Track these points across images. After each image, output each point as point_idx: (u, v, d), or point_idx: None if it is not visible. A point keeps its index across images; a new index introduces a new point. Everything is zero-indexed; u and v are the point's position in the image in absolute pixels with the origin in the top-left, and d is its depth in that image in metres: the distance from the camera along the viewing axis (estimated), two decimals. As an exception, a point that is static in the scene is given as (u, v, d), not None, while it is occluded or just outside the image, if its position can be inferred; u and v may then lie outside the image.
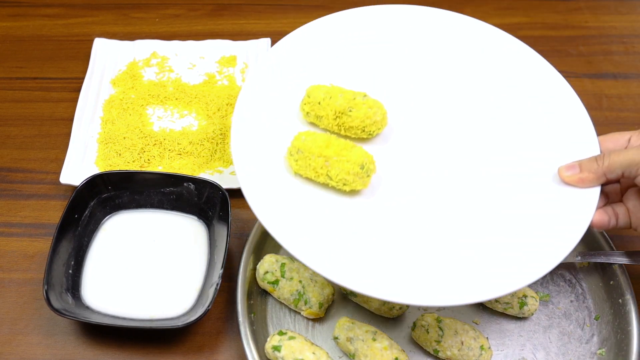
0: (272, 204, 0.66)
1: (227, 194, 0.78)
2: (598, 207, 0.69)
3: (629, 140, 0.70)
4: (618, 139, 0.71)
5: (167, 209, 0.83)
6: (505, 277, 0.64)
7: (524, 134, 0.74)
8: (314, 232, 0.65)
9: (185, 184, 0.80)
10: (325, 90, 0.71)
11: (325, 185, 0.69)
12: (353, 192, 0.69)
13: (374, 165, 0.68)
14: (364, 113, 0.69)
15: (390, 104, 0.74)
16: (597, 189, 0.69)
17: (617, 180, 0.70)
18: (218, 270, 0.74)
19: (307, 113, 0.71)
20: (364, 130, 0.71)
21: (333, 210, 0.68)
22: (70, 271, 0.76)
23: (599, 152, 0.71)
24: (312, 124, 0.73)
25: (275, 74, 0.74)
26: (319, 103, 0.70)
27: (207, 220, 0.81)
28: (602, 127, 0.90)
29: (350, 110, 0.70)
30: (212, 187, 0.79)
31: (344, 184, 0.67)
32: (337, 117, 0.70)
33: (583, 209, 0.68)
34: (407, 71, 0.78)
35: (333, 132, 0.72)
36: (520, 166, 0.72)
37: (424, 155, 0.73)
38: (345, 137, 0.72)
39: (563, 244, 0.66)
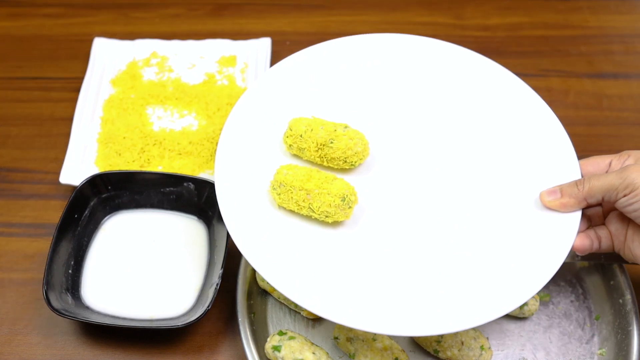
0: (256, 237, 0.67)
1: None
2: (580, 231, 0.69)
3: (610, 164, 0.70)
4: (599, 162, 0.71)
5: (167, 209, 0.83)
6: (485, 305, 0.63)
7: (506, 160, 0.74)
8: (295, 264, 0.66)
9: (185, 184, 0.80)
10: (306, 123, 0.72)
11: (308, 217, 0.70)
12: (336, 223, 0.70)
13: (356, 196, 0.69)
14: (345, 144, 0.70)
15: (372, 134, 0.75)
16: (579, 214, 0.69)
17: (599, 204, 0.70)
18: (218, 270, 0.74)
19: (290, 145, 0.72)
20: (345, 161, 0.71)
21: (316, 241, 0.69)
22: (70, 271, 0.76)
23: (580, 176, 0.71)
24: (295, 155, 0.74)
25: (258, 107, 0.75)
26: (301, 136, 0.71)
27: (207, 220, 0.81)
28: (602, 127, 0.90)
29: (331, 142, 0.70)
30: (212, 187, 0.79)
31: (327, 216, 0.68)
32: (319, 149, 0.71)
33: (564, 233, 0.68)
34: (389, 101, 0.79)
35: (316, 164, 0.73)
36: (502, 193, 0.72)
37: (406, 184, 0.73)
38: (328, 168, 0.73)
39: (544, 270, 0.65)
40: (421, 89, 0.80)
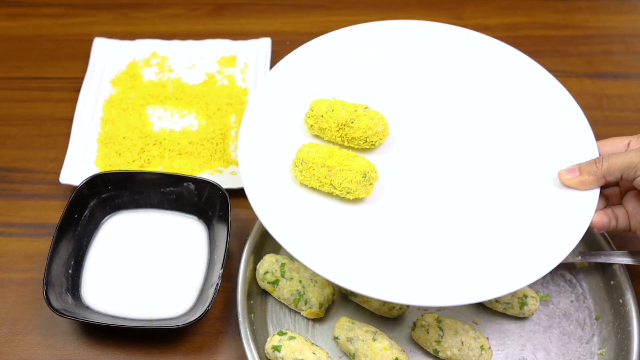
0: (279, 213, 0.68)
1: (227, 193, 0.78)
2: (598, 209, 0.70)
3: (628, 144, 0.71)
4: (617, 143, 0.72)
5: (167, 209, 0.83)
6: (506, 277, 0.65)
7: (525, 139, 0.76)
8: (318, 237, 0.68)
9: (185, 184, 0.80)
10: (327, 104, 0.73)
11: (329, 194, 0.71)
12: (357, 200, 0.71)
13: (376, 173, 0.70)
14: (365, 124, 0.72)
15: (391, 115, 0.77)
16: (597, 191, 0.70)
17: (617, 183, 0.71)
18: (218, 270, 0.74)
19: (311, 126, 0.74)
20: (366, 141, 0.73)
21: (337, 216, 0.70)
22: (70, 271, 0.76)
23: (597, 155, 0.72)
24: (316, 136, 0.75)
25: (280, 90, 0.77)
26: (322, 116, 0.73)
27: (207, 220, 0.81)
28: (603, 127, 0.90)
29: (352, 122, 0.72)
30: (212, 187, 0.79)
31: (348, 192, 0.69)
32: (339, 128, 0.73)
33: (583, 210, 0.69)
34: (408, 83, 0.81)
35: (336, 144, 0.74)
36: (521, 170, 0.74)
37: (425, 163, 0.75)
38: (349, 147, 0.74)
39: (564, 244, 0.67)
40: (439, 72, 0.82)
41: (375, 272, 0.65)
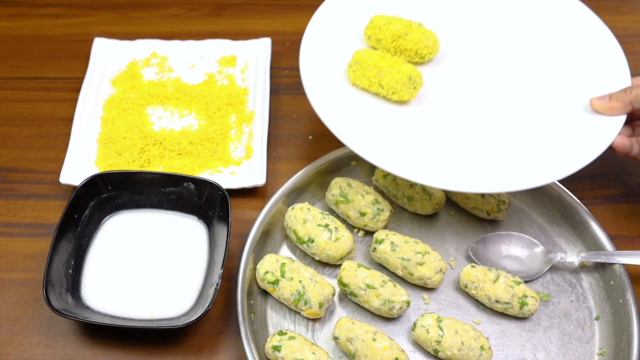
0: (332, 106, 0.78)
1: (227, 193, 0.78)
2: (622, 134, 0.77)
3: None
4: None
5: (167, 209, 0.83)
6: (537, 171, 0.74)
7: (564, 68, 0.85)
8: (366, 129, 0.77)
9: (185, 184, 0.80)
10: (386, 19, 0.84)
11: (377, 95, 0.81)
12: (401, 102, 0.81)
13: (421, 79, 0.79)
14: (417, 37, 0.83)
15: (443, 35, 0.87)
16: (623, 117, 0.78)
17: None
18: (218, 270, 0.74)
19: (369, 37, 0.85)
20: (416, 53, 0.83)
21: (383, 114, 0.80)
22: (70, 271, 0.76)
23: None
24: (373, 47, 0.86)
25: (344, 6, 0.88)
26: (380, 28, 0.83)
27: (207, 220, 0.81)
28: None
29: (406, 35, 0.83)
30: (212, 187, 0.79)
31: (393, 93, 0.79)
32: (394, 40, 0.83)
33: (608, 130, 0.78)
34: (461, 9, 0.91)
35: (391, 53, 0.84)
36: (557, 95, 0.82)
37: (468, 79, 0.84)
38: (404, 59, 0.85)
39: (586, 154, 0.75)
40: (489, 3, 0.92)
41: (415, 160, 0.75)
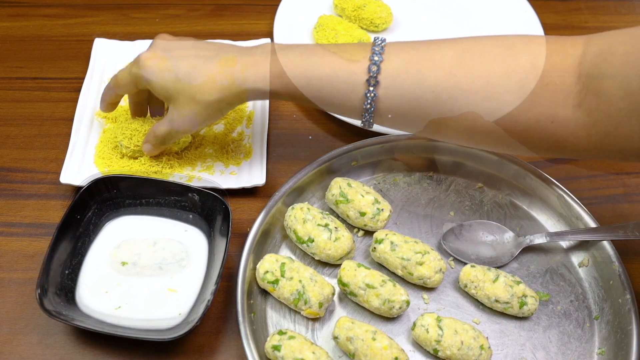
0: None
1: (229, 208, 0.77)
2: None
3: None
4: None
5: (168, 214, 0.82)
6: None
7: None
8: None
9: (190, 195, 0.80)
10: None
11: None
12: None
13: (370, 42, 0.85)
14: (373, 9, 1.05)
15: (398, 8, 1.09)
16: None
17: None
18: (217, 270, 0.73)
19: (336, 5, 1.08)
20: (371, 22, 1.05)
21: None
22: (67, 272, 0.76)
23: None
24: (339, 15, 1.08)
25: None
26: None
27: (207, 219, 0.81)
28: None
29: (364, 6, 1.05)
30: (216, 200, 0.79)
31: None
32: (355, 9, 1.06)
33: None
34: None
35: (351, 21, 1.06)
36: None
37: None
38: (360, 27, 1.06)
39: None
40: None
41: None
